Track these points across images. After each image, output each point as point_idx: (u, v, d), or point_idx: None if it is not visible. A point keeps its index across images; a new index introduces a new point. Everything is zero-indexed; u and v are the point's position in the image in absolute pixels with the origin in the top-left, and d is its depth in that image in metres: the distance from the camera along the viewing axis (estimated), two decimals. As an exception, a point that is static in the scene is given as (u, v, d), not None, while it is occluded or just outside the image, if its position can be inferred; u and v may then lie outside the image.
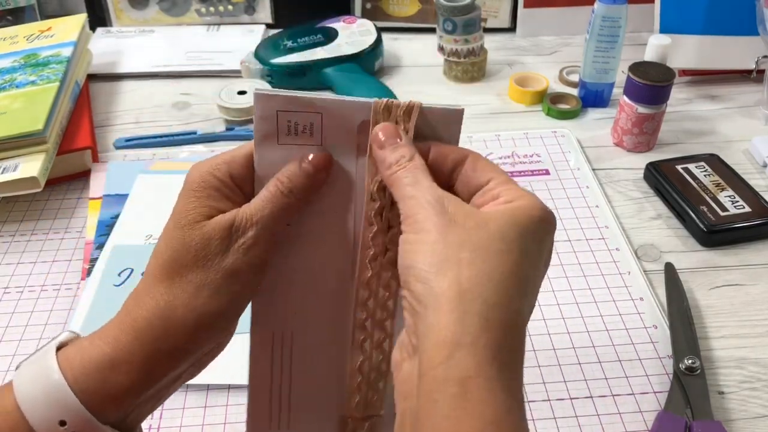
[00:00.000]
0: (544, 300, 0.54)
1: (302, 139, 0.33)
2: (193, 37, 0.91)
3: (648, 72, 0.66)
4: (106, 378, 0.30)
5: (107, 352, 0.31)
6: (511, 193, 0.30)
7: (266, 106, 0.33)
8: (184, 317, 0.31)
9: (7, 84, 0.69)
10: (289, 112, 0.33)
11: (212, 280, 0.31)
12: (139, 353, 0.31)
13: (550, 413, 0.45)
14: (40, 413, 0.30)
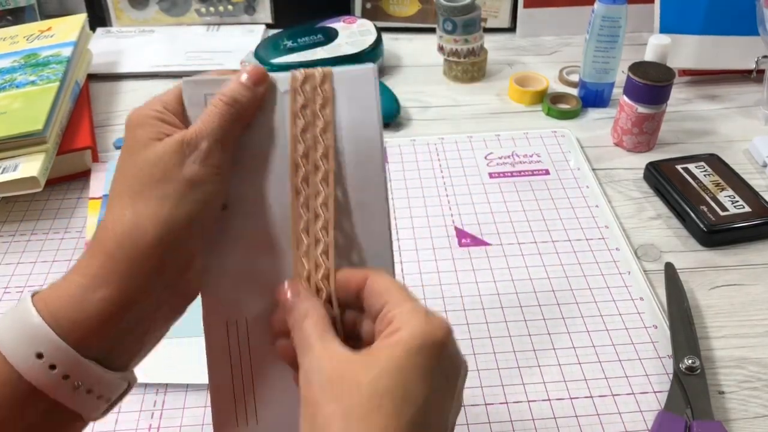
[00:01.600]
0: (543, 300, 0.54)
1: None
2: (193, 37, 0.91)
3: (648, 72, 0.66)
4: (79, 304, 0.30)
5: (80, 281, 0.31)
6: (398, 320, 0.30)
7: (194, 92, 0.36)
8: (153, 230, 0.31)
9: (7, 84, 0.69)
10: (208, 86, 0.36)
11: (173, 190, 0.32)
12: (111, 274, 0.31)
13: (550, 413, 0.45)
14: (15, 347, 0.30)
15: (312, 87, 0.36)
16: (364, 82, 0.36)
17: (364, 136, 0.36)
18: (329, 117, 0.35)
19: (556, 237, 0.60)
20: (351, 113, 0.36)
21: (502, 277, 0.55)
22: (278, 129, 0.36)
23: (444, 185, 0.66)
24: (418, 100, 0.80)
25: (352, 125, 0.36)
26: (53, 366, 0.29)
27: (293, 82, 0.35)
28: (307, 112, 0.36)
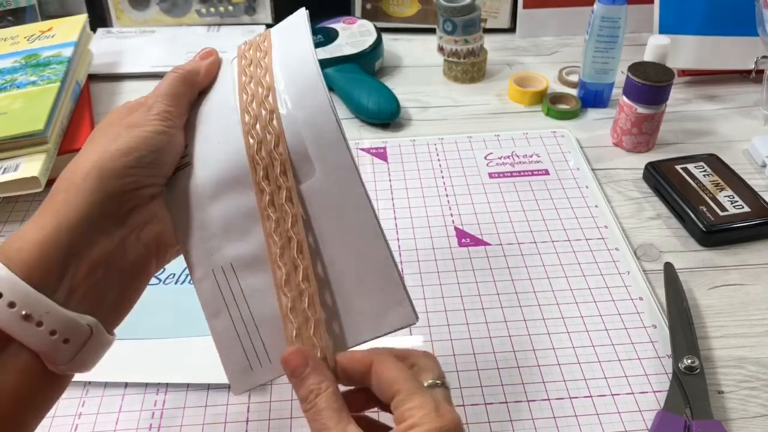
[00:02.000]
0: (543, 300, 0.54)
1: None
2: (194, 38, 0.91)
3: (647, 72, 0.66)
4: (23, 235, 0.32)
5: (29, 221, 0.33)
6: (416, 415, 0.31)
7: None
8: (87, 160, 0.34)
9: (8, 84, 0.69)
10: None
11: (114, 132, 0.35)
12: (50, 204, 0.33)
13: (549, 413, 0.45)
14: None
15: (255, 47, 0.40)
16: (297, 25, 0.40)
17: (302, 70, 0.37)
18: (268, 63, 0.38)
19: (556, 237, 0.60)
20: (287, 53, 0.39)
21: (502, 277, 0.56)
22: (228, 92, 0.39)
23: (444, 185, 0.66)
24: (417, 101, 0.80)
25: (290, 62, 0.38)
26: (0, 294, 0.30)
27: (239, 50, 0.41)
28: (251, 67, 0.39)
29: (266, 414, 0.46)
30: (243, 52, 0.41)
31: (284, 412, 0.46)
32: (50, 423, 0.45)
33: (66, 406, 0.46)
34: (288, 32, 0.40)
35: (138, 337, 0.50)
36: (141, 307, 0.53)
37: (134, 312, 0.52)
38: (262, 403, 0.46)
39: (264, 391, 0.47)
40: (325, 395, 0.32)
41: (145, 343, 0.50)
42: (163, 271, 0.55)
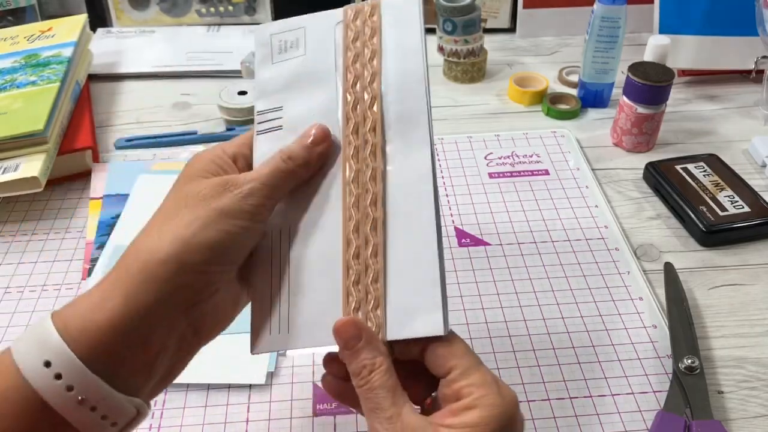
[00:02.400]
0: (543, 300, 0.54)
1: (290, 53, 0.39)
2: (194, 38, 0.91)
3: (647, 72, 0.66)
4: (90, 314, 0.30)
5: (95, 293, 0.31)
6: (474, 394, 0.30)
7: (262, 33, 0.40)
8: (169, 247, 0.31)
9: (8, 84, 0.69)
10: (280, 33, 0.40)
11: (203, 215, 0.32)
12: (123, 286, 0.31)
13: (549, 413, 0.45)
14: (27, 355, 0.30)
15: (363, 20, 0.38)
16: (410, 5, 0.38)
17: (410, 63, 0.38)
18: (377, 45, 0.38)
19: (556, 237, 0.60)
20: (397, 39, 0.38)
21: (502, 277, 0.56)
22: (330, 62, 0.38)
23: (444, 185, 0.66)
24: (418, 101, 0.80)
25: (399, 50, 0.38)
26: (59, 375, 0.29)
27: (345, 16, 0.39)
28: (357, 44, 0.38)
29: (266, 414, 0.46)
30: (349, 22, 0.38)
31: (284, 412, 0.46)
32: (50, 423, 0.45)
33: (66, 406, 0.46)
34: (398, 12, 0.38)
35: None
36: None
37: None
38: (262, 403, 0.46)
39: (264, 391, 0.47)
40: (380, 372, 0.31)
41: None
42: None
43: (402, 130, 0.36)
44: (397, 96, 0.37)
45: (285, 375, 0.48)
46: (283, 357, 0.49)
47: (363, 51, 0.38)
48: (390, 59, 0.38)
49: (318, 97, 0.38)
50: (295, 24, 0.40)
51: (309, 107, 0.38)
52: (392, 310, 0.34)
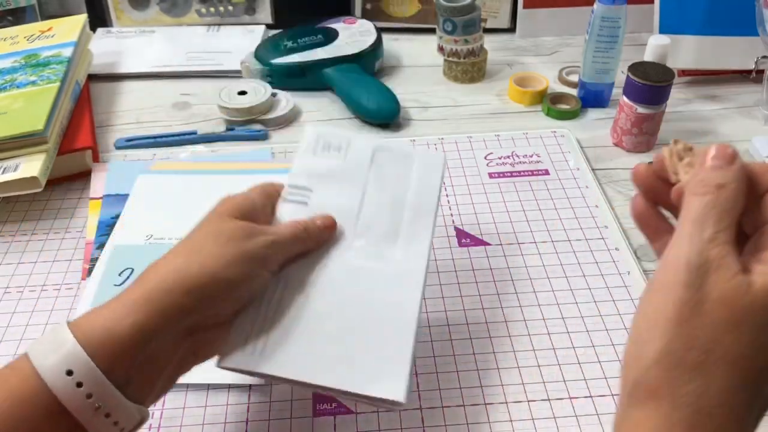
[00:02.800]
0: (543, 300, 0.54)
1: (332, 154, 0.48)
2: (194, 38, 0.91)
3: (647, 72, 0.66)
4: (112, 328, 0.33)
5: (116, 307, 0.34)
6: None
7: (314, 131, 0.49)
8: (197, 272, 0.36)
9: (8, 84, 0.69)
10: (327, 136, 0.49)
11: (231, 254, 0.37)
12: (148, 303, 0.34)
13: (549, 413, 0.45)
14: (48, 363, 0.32)
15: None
16: (437, 162, 0.50)
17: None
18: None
19: (556, 237, 0.60)
20: (421, 177, 0.49)
21: (502, 277, 0.56)
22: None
23: (444, 185, 0.66)
24: (418, 101, 0.80)
25: (420, 184, 0.48)
26: (80, 384, 0.31)
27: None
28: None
29: (266, 414, 0.46)
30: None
31: (284, 412, 0.46)
32: (50, 423, 0.45)
33: (66, 406, 0.46)
34: (427, 162, 0.50)
35: None
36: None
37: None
38: (262, 403, 0.46)
39: (264, 391, 0.47)
40: (726, 196, 0.29)
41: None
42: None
43: (405, 242, 0.45)
44: (410, 214, 0.46)
45: (285, 375, 0.48)
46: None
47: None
48: (412, 188, 0.48)
49: (343, 196, 0.46)
50: (342, 134, 0.49)
51: (334, 200, 0.45)
52: (360, 368, 0.38)
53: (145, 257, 0.56)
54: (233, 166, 0.67)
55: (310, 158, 0.48)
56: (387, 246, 0.44)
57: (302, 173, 0.47)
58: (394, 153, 0.49)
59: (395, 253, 0.44)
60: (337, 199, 0.46)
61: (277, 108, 0.76)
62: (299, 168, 0.47)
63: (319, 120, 0.77)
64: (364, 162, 0.48)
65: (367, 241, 0.44)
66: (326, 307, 0.41)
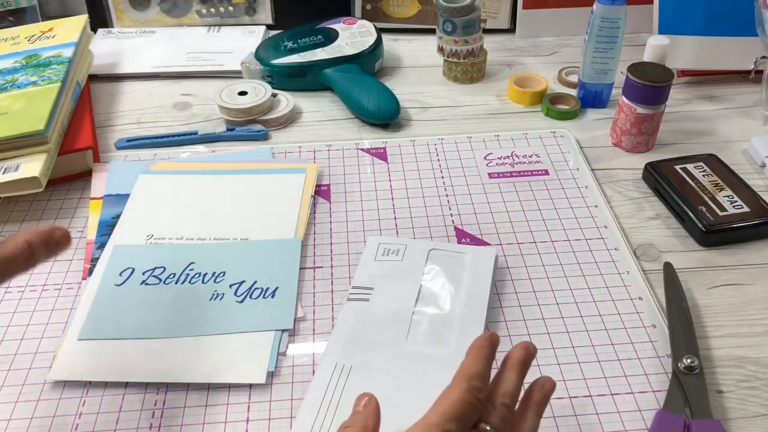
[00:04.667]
0: (543, 300, 0.54)
1: (390, 257, 0.56)
2: (194, 38, 0.91)
3: (647, 72, 0.67)
4: None
5: None
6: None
7: (375, 241, 0.57)
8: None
9: (9, 84, 0.69)
10: (386, 244, 0.57)
11: None
12: None
13: (549, 412, 0.45)
14: None
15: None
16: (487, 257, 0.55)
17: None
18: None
19: (556, 237, 0.60)
20: (473, 271, 0.54)
21: (502, 277, 0.56)
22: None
23: (444, 185, 0.66)
24: (417, 101, 0.80)
25: (472, 277, 0.54)
26: None
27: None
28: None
29: (266, 414, 0.46)
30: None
31: (284, 412, 0.46)
32: (50, 423, 0.45)
33: (66, 405, 0.46)
34: (478, 257, 0.56)
35: (138, 337, 0.50)
36: (141, 306, 0.53)
37: (134, 312, 0.52)
38: (262, 402, 0.46)
39: (264, 390, 0.47)
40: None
41: (144, 342, 0.50)
42: (164, 270, 0.55)
43: (460, 328, 0.50)
44: (464, 303, 0.52)
45: (285, 375, 0.48)
46: (283, 357, 0.49)
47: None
48: (465, 278, 0.54)
49: (401, 291, 0.52)
50: (400, 240, 0.57)
51: (392, 295, 0.52)
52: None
53: (145, 257, 0.56)
54: (234, 166, 0.67)
55: (371, 263, 0.55)
56: (443, 332, 0.49)
57: (365, 275, 0.54)
58: (447, 251, 0.56)
59: (451, 339, 0.49)
60: (396, 293, 0.52)
61: (277, 108, 0.76)
62: (362, 272, 0.55)
63: (319, 120, 0.77)
64: (419, 261, 0.55)
65: (424, 329, 0.50)
66: (388, 390, 0.44)
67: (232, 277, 0.55)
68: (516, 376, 0.39)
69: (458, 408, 0.34)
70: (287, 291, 0.54)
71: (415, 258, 0.55)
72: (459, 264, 0.55)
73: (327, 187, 0.66)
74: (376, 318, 0.51)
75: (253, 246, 0.58)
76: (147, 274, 0.55)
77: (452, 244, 0.58)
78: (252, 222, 0.60)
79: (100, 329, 0.51)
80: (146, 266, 0.56)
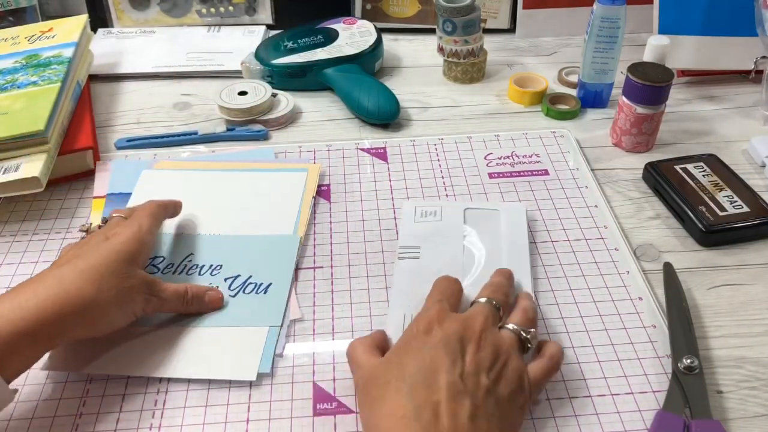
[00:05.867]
0: (543, 300, 0.54)
1: (429, 218, 0.60)
2: (194, 38, 0.91)
3: (647, 72, 0.67)
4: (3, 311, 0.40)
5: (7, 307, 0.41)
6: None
7: (411, 204, 0.61)
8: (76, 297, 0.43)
9: (9, 84, 0.69)
10: (422, 207, 0.61)
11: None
12: (32, 314, 0.41)
13: (549, 412, 0.46)
14: None
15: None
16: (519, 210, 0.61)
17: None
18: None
19: (555, 237, 0.60)
20: (509, 223, 0.60)
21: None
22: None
23: (444, 185, 0.66)
24: (417, 101, 0.80)
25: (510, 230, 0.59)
26: None
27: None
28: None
29: (266, 414, 0.46)
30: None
31: (284, 412, 0.46)
32: (51, 423, 0.45)
33: (67, 405, 0.46)
34: (511, 211, 0.61)
35: (139, 324, 0.50)
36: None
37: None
38: (262, 402, 0.46)
39: (264, 390, 0.47)
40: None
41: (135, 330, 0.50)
42: (163, 260, 0.56)
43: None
44: (507, 255, 0.56)
45: (285, 375, 0.48)
46: (279, 358, 0.49)
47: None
48: (504, 234, 0.58)
49: (447, 248, 0.56)
50: (434, 203, 0.62)
51: (440, 252, 0.56)
52: None
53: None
54: (236, 165, 0.67)
55: (411, 225, 0.59)
56: None
57: (409, 236, 0.58)
58: (482, 210, 0.60)
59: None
60: (443, 251, 0.56)
61: (277, 108, 0.76)
62: (405, 233, 0.58)
63: (319, 120, 0.77)
64: (458, 220, 0.59)
65: (476, 280, 0.53)
66: None
67: (227, 270, 0.55)
68: (502, 276, 0.51)
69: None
70: (280, 287, 0.54)
71: (453, 218, 0.59)
72: (495, 220, 0.59)
73: (327, 187, 0.66)
74: (431, 272, 0.52)
75: (251, 241, 0.58)
76: (147, 262, 0.55)
77: (484, 201, 0.62)
78: (253, 219, 0.60)
79: None
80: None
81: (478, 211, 0.60)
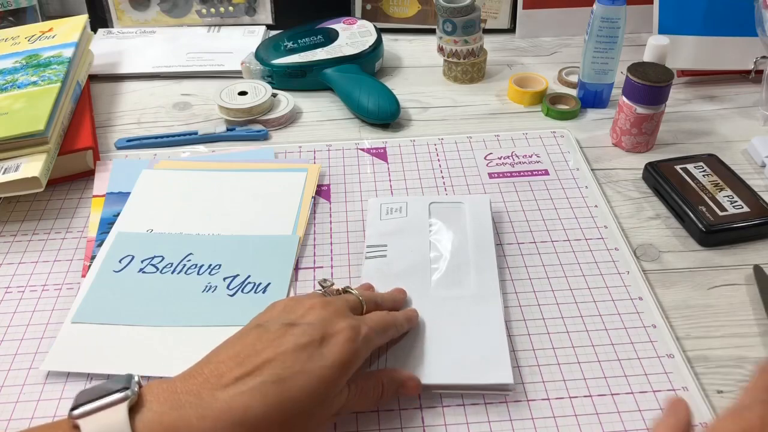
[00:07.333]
0: (543, 299, 0.54)
1: (395, 215, 0.59)
2: (194, 38, 0.91)
3: (647, 72, 0.67)
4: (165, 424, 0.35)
5: (189, 414, 0.35)
6: None
7: (376, 202, 0.61)
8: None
9: (9, 84, 0.69)
10: (387, 204, 0.61)
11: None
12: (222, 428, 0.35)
13: (549, 412, 0.46)
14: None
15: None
16: (484, 203, 0.61)
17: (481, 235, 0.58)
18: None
19: (556, 237, 0.60)
20: (474, 216, 0.59)
21: (503, 277, 0.56)
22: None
23: (444, 185, 0.66)
24: (417, 101, 0.80)
25: (474, 224, 0.59)
26: None
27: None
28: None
29: (267, 413, 0.46)
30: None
31: (284, 411, 0.46)
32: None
33: (67, 405, 0.46)
34: (475, 204, 0.61)
35: (129, 323, 0.50)
36: (135, 294, 0.53)
37: (127, 299, 0.52)
38: (262, 402, 0.46)
39: (264, 390, 0.47)
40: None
41: (134, 330, 0.50)
42: (162, 259, 0.56)
43: (477, 271, 0.54)
44: (474, 249, 0.56)
45: (285, 374, 0.48)
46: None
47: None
48: (469, 228, 0.58)
49: (413, 244, 0.56)
50: (399, 199, 0.61)
51: (406, 248, 0.56)
52: (471, 367, 0.47)
53: (146, 245, 0.57)
54: (236, 165, 0.67)
55: (378, 223, 0.59)
56: (462, 276, 0.53)
57: (375, 234, 0.57)
58: (445, 203, 0.60)
59: (470, 281, 0.53)
60: (410, 246, 0.56)
61: (277, 108, 0.76)
62: (372, 231, 0.58)
63: (319, 120, 0.77)
64: (423, 215, 0.59)
65: (443, 275, 0.53)
66: (423, 329, 0.49)
67: (227, 270, 0.55)
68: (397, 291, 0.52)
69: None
70: (278, 287, 0.54)
71: (418, 213, 0.59)
72: (459, 213, 0.59)
73: (327, 187, 0.66)
74: (397, 271, 0.54)
75: (250, 241, 0.58)
76: (146, 262, 0.55)
77: (448, 195, 0.63)
78: (252, 219, 0.60)
79: (94, 314, 0.51)
80: (146, 254, 0.56)
81: (442, 205, 0.60)
